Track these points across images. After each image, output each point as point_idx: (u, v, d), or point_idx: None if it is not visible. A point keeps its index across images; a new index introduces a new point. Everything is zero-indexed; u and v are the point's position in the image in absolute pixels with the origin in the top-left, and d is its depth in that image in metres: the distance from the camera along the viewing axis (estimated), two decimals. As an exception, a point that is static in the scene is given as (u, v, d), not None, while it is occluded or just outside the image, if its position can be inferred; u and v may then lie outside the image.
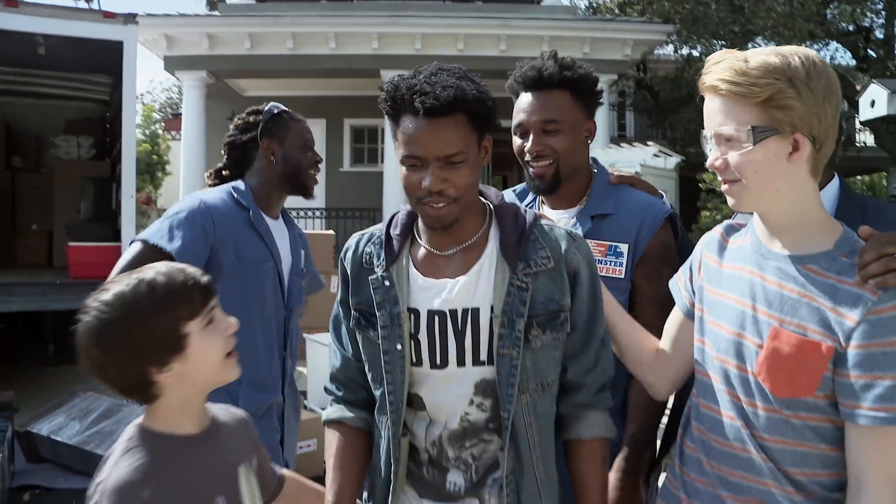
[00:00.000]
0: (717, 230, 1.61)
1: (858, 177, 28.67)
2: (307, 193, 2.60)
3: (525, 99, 2.04)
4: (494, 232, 1.63)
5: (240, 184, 2.53)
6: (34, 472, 4.69)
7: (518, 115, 2.06)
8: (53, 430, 4.78)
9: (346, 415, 1.73)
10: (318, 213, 14.24)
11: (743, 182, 1.39)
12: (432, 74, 1.53)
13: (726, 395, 1.46)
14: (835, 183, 1.80)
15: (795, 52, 1.36)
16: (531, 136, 2.03)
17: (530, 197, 2.22)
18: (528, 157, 2.05)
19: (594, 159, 2.18)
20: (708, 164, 1.44)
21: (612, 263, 2.00)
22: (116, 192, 7.90)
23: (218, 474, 1.44)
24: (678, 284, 1.69)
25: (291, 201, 2.65)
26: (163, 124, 29.84)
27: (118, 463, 1.35)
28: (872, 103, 7.60)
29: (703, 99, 1.45)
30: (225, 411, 1.58)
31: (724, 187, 1.44)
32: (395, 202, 12.03)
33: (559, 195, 2.09)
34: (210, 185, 2.62)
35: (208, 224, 2.36)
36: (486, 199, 1.69)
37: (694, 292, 1.62)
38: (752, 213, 1.51)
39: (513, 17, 13.27)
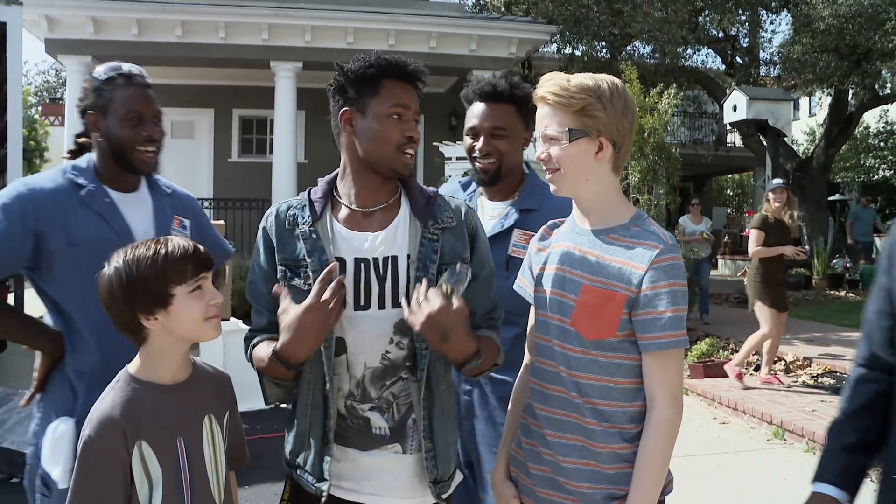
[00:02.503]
0: (544, 228, 2.03)
1: (730, 175, 30.28)
2: (139, 171, 2.35)
3: (479, 107, 2.51)
4: (405, 198, 1.98)
5: (82, 160, 2.36)
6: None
7: (472, 120, 2.52)
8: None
9: (276, 335, 1.84)
10: (206, 204, 14.10)
11: (561, 171, 1.81)
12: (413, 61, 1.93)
13: (552, 345, 1.84)
14: None
15: (604, 78, 1.80)
16: (482, 138, 2.48)
17: (472, 187, 2.66)
18: (476, 155, 2.49)
19: (526, 163, 2.62)
20: (535, 156, 1.86)
21: None
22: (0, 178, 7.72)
23: (182, 420, 1.75)
24: (522, 285, 2.04)
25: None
26: (40, 109, 28.65)
27: (104, 399, 1.71)
28: (734, 108, 8.25)
29: None
30: (209, 368, 1.89)
31: (548, 176, 1.85)
32: (283, 193, 12.03)
33: (497, 189, 2.54)
34: (68, 160, 2.40)
35: (27, 210, 2.19)
36: None
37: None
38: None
39: (402, 13, 13.49)
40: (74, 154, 2.42)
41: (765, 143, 9.91)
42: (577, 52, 16.62)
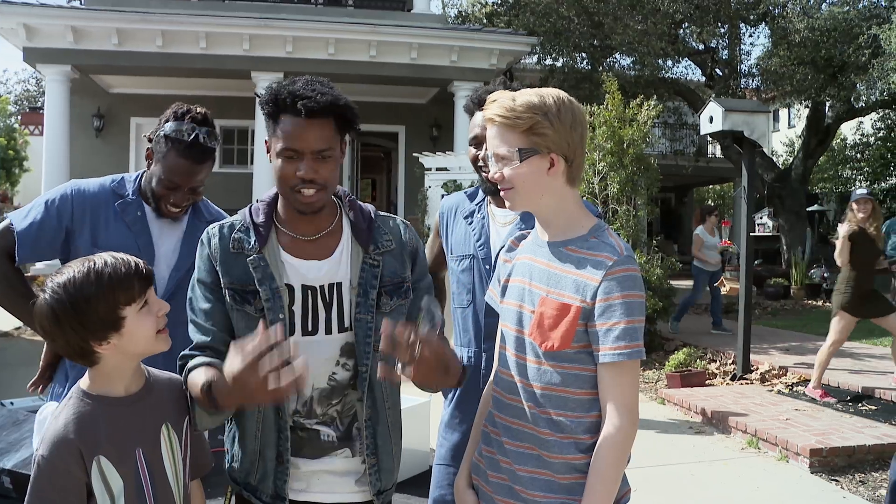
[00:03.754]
0: (511, 239, 2.04)
1: (710, 186, 30.50)
2: (159, 214, 2.52)
3: (479, 116, 2.49)
4: (346, 221, 1.98)
5: (133, 175, 2.59)
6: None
7: (473, 130, 2.53)
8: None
9: (215, 361, 1.80)
10: (186, 213, 14.04)
11: (515, 189, 1.81)
12: (308, 83, 1.83)
13: (511, 356, 1.86)
14: None
15: (550, 94, 1.80)
16: (485, 147, 2.42)
17: (480, 196, 2.65)
18: (481, 164, 2.49)
19: None
20: (489, 176, 1.87)
21: None
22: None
23: (140, 431, 1.74)
24: (492, 296, 2.06)
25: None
26: (19, 118, 28.47)
27: (57, 418, 1.69)
28: (711, 119, 8.29)
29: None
30: (163, 375, 1.87)
31: (502, 193, 1.86)
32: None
33: None
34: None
35: (65, 208, 2.46)
36: (336, 196, 2.02)
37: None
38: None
39: (383, 24, 13.55)
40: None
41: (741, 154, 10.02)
42: (558, 64, 16.72)
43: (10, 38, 12.72)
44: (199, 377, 1.73)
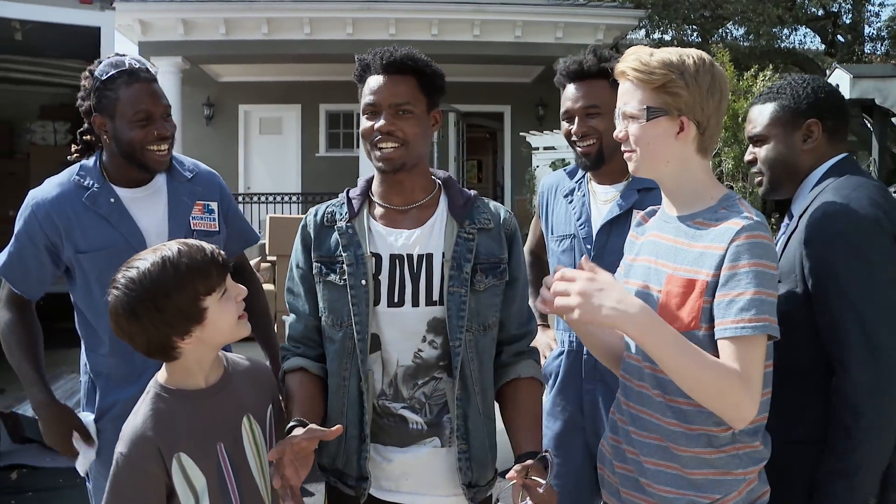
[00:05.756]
0: (641, 214, 1.89)
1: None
2: (152, 170, 2.25)
3: (570, 89, 2.38)
4: (443, 199, 1.93)
5: (90, 159, 2.29)
6: (20, 452, 4.75)
7: (565, 104, 2.39)
8: (38, 411, 4.86)
9: (308, 363, 1.88)
10: (294, 199, 14.28)
11: (639, 151, 1.66)
12: (395, 47, 1.86)
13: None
14: (820, 169, 1.97)
15: (691, 53, 1.64)
16: (576, 120, 2.33)
17: (580, 174, 2.52)
18: (574, 139, 2.36)
19: None
20: (614, 134, 1.72)
21: None
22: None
23: (220, 424, 1.63)
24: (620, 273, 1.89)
25: (263, 185, 2.58)
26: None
27: (136, 413, 1.60)
28: (837, 87, 7.82)
29: None
30: (242, 362, 1.78)
31: (625, 155, 1.71)
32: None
33: (604, 171, 2.38)
34: (73, 160, 2.34)
35: (34, 228, 2.19)
36: (435, 176, 1.97)
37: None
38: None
39: (486, 3, 13.29)
40: (81, 153, 2.33)
41: (869, 125, 9.41)
42: (667, 37, 16.21)
43: (126, 34, 13.14)
44: (293, 383, 1.83)
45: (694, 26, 16.24)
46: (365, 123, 1.83)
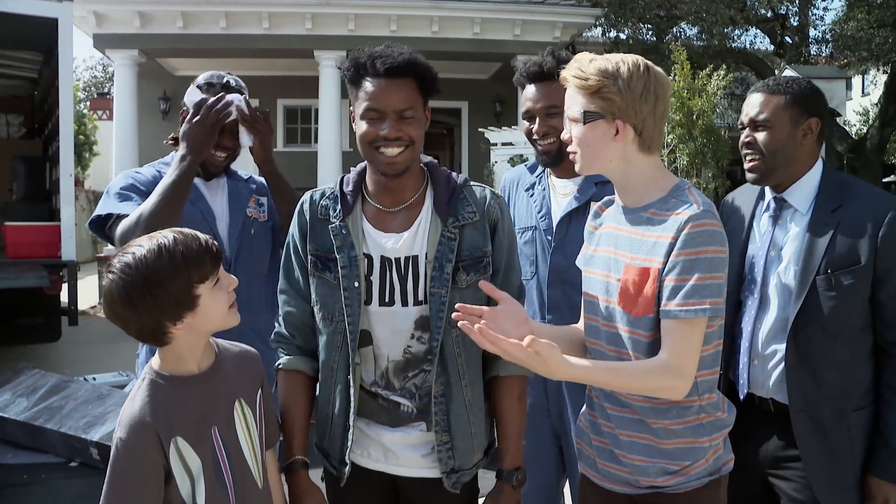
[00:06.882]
0: (598, 205, 2.01)
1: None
2: (209, 171, 2.64)
3: (530, 89, 2.48)
4: (430, 192, 1.96)
5: (168, 157, 2.66)
6: (-20, 449, 4.73)
7: (525, 104, 2.51)
8: (0, 407, 4.82)
9: (304, 364, 2.01)
10: (252, 193, 14.17)
11: (580, 152, 1.80)
12: (388, 47, 1.88)
13: (602, 326, 1.84)
14: (818, 166, 2.21)
15: (626, 60, 1.76)
16: (537, 120, 2.45)
17: (540, 169, 2.64)
18: (535, 137, 2.48)
19: None
20: (561, 136, 1.87)
21: None
22: (50, 171, 7.83)
23: (214, 409, 1.71)
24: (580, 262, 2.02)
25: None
26: (88, 104, 29.12)
27: (133, 399, 1.65)
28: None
29: None
30: (232, 348, 1.84)
31: (570, 156, 1.85)
32: (328, 182, 11.89)
33: (563, 167, 2.48)
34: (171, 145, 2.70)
35: (135, 191, 2.53)
36: (421, 163, 2.01)
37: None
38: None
39: (445, -1, 13.42)
40: (176, 141, 2.60)
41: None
42: (623, 36, 16.35)
43: (80, 25, 12.85)
44: (286, 392, 1.99)
45: (649, 25, 16.43)
46: (365, 127, 1.85)
